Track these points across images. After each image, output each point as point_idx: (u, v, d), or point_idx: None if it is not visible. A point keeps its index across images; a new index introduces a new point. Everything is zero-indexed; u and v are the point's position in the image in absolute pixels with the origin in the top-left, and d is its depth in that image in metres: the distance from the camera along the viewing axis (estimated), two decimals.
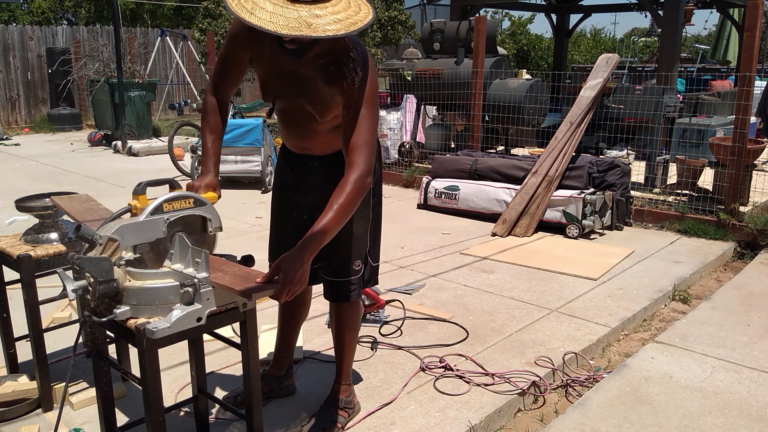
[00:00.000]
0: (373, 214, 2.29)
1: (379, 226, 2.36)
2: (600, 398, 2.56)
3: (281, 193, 2.34)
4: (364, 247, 2.25)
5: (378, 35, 13.06)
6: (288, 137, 2.22)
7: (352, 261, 2.21)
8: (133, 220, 1.75)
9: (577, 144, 5.42)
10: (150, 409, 1.68)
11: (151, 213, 1.77)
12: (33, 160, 8.56)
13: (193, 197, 1.86)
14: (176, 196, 1.82)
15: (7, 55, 12.08)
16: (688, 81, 10.88)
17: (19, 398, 2.41)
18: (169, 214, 1.79)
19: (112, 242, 1.69)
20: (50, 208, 2.41)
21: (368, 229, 2.26)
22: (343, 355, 2.37)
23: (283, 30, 1.55)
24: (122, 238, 1.70)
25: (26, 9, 16.98)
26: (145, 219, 1.75)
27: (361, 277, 2.28)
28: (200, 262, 1.67)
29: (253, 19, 1.55)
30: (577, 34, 20.12)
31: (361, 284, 2.30)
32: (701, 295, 3.98)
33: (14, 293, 2.59)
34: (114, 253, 1.68)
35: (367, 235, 2.26)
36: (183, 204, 1.83)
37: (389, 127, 7.34)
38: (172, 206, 1.81)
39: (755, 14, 4.84)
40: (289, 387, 2.57)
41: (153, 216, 1.77)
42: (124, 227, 1.72)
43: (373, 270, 2.36)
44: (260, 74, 2.06)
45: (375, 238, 2.35)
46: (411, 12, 15.27)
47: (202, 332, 1.79)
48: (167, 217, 1.79)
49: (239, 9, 1.56)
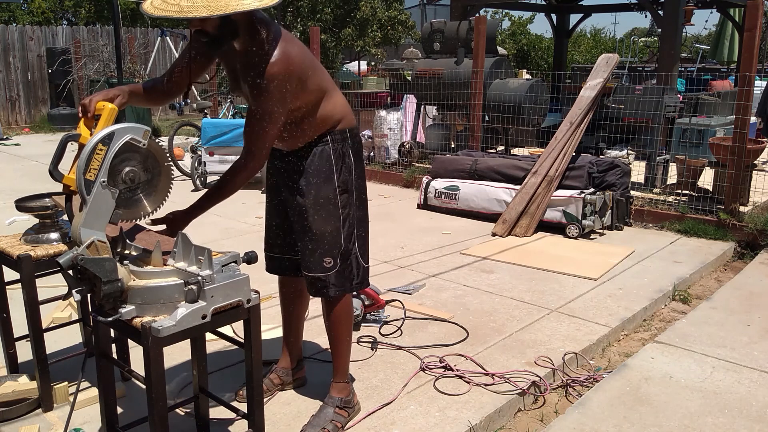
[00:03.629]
0: (345, 212, 2.24)
1: (362, 227, 2.33)
2: (600, 398, 2.56)
3: (267, 186, 2.47)
4: (335, 246, 2.23)
5: (378, 35, 13.05)
6: None
7: (320, 257, 2.22)
8: (83, 214, 1.66)
9: (577, 144, 5.42)
10: (154, 408, 1.68)
11: (87, 192, 1.64)
12: (33, 160, 8.56)
13: (98, 141, 1.66)
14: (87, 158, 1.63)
15: (7, 55, 12.08)
16: (688, 81, 10.88)
17: (19, 398, 2.40)
18: (99, 178, 1.65)
19: (93, 246, 1.66)
20: (50, 208, 2.41)
21: (340, 228, 2.23)
22: (336, 352, 2.38)
23: (154, 12, 1.74)
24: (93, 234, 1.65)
25: (26, 9, 16.97)
26: (90, 203, 1.65)
27: (339, 274, 2.25)
28: (204, 259, 1.67)
29: (145, 5, 1.73)
30: (577, 34, 20.11)
31: (342, 282, 2.27)
32: (701, 295, 3.98)
33: (14, 293, 2.59)
34: (102, 250, 1.67)
35: (340, 234, 2.23)
36: (98, 156, 1.65)
37: (389, 127, 7.33)
38: (93, 168, 1.64)
39: (755, 14, 4.84)
40: (300, 379, 2.61)
41: (91, 193, 1.64)
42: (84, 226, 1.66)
43: (363, 271, 2.35)
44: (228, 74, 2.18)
45: (360, 238, 2.31)
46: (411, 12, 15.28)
47: (207, 330, 1.79)
48: (101, 181, 1.66)
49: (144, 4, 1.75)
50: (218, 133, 6.60)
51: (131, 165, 1.74)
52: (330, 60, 12.80)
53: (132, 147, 1.73)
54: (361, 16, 12.68)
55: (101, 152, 1.65)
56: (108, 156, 1.66)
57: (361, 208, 2.31)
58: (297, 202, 2.21)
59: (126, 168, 1.72)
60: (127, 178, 1.73)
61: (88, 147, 1.65)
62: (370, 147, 7.60)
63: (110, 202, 1.68)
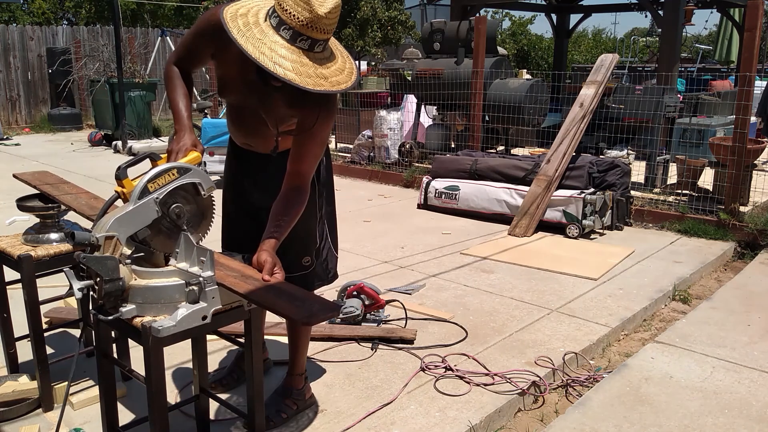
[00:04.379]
0: (322, 210, 2.32)
1: (333, 220, 2.41)
2: (600, 398, 2.56)
3: (229, 180, 2.40)
4: (312, 244, 2.30)
5: (378, 35, 13.05)
6: (234, 131, 2.27)
7: (298, 257, 2.26)
8: (124, 210, 1.71)
9: (577, 144, 5.42)
10: (154, 408, 1.68)
11: (139, 197, 1.71)
12: (33, 160, 8.56)
13: (176, 167, 1.79)
14: (159, 173, 1.75)
15: (8, 55, 12.08)
16: (688, 81, 10.89)
17: (19, 398, 2.40)
18: (156, 193, 1.73)
19: (110, 240, 1.68)
20: (51, 208, 2.41)
21: (317, 227, 2.30)
22: (298, 346, 2.41)
23: (308, 85, 1.62)
24: (118, 231, 1.68)
25: (26, 9, 16.97)
26: (135, 206, 1.71)
27: (316, 270, 2.33)
28: (205, 260, 1.68)
29: (278, 69, 1.59)
30: (578, 34, 20.13)
31: (320, 277, 2.36)
32: (701, 295, 3.98)
33: (14, 293, 2.59)
34: (116, 249, 1.68)
35: (316, 232, 2.30)
36: (167, 177, 1.76)
37: (389, 127, 7.33)
38: (157, 183, 1.74)
39: (755, 14, 4.84)
40: (265, 362, 2.68)
41: (142, 200, 1.71)
42: (117, 221, 1.69)
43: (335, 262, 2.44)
44: (220, 74, 2.08)
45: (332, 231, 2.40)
46: (411, 12, 15.27)
47: (207, 331, 1.80)
48: (156, 197, 1.73)
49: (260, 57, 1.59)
50: (218, 133, 6.60)
51: (182, 204, 1.81)
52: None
53: (194, 190, 1.83)
54: (361, 16, 12.68)
55: (172, 176, 1.77)
56: (175, 182, 1.77)
57: (331, 202, 2.39)
58: None
59: (177, 203, 1.80)
60: (172, 211, 1.78)
61: (166, 166, 1.77)
62: (370, 147, 7.60)
63: (150, 216, 1.74)
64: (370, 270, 4.10)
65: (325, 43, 1.69)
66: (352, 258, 4.28)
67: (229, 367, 2.64)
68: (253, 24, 1.65)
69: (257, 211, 2.26)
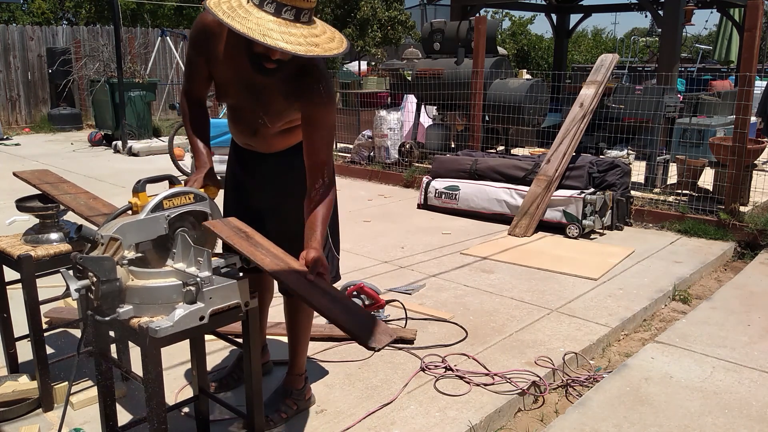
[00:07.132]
0: None
1: (334, 218, 2.39)
2: (600, 398, 2.56)
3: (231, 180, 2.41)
4: None
5: (378, 35, 13.05)
6: (235, 132, 2.29)
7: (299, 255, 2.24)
8: (134, 218, 1.75)
9: (577, 144, 5.42)
10: (152, 408, 1.68)
11: (152, 210, 1.77)
12: (33, 160, 8.56)
13: (193, 193, 1.87)
14: (176, 193, 1.82)
15: (8, 55, 12.07)
16: (688, 81, 10.88)
17: (19, 398, 2.40)
18: (169, 211, 1.80)
19: (113, 241, 1.69)
20: (51, 209, 2.41)
21: None
22: (297, 346, 2.42)
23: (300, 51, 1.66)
24: (124, 236, 1.70)
25: (26, 9, 16.97)
26: (146, 217, 1.75)
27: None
28: (202, 261, 1.68)
29: (268, 40, 1.64)
30: (578, 34, 20.13)
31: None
32: (701, 295, 3.98)
33: (14, 293, 2.59)
34: (116, 252, 1.68)
35: None
36: (183, 200, 1.84)
37: (389, 127, 7.33)
38: (172, 203, 1.81)
39: (755, 14, 4.84)
40: (266, 364, 2.67)
41: (154, 213, 1.77)
42: (125, 226, 1.72)
43: (337, 263, 2.42)
44: (216, 78, 2.12)
45: (333, 232, 2.38)
46: (411, 12, 15.28)
47: (205, 331, 1.80)
48: (168, 214, 1.79)
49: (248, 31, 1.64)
50: (218, 133, 6.58)
51: (188, 228, 1.85)
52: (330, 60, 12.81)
53: (202, 219, 1.89)
54: (362, 16, 12.68)
55: (187, 200, 1.85)
56: (189, 206, 1.85)
57: None
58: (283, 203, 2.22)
59: (183, 226, 1.85)
60: (177, 234, 1.82)
61: (185, 188, 1.88)
62: (370, 147, 7.60)
63: (157, 231, 1.79)
64: (370, 270, 4.10)
65: (310, 12, 1.74)
66: (352, 258, 4.28)
67: (230, 367, 2.64)
68: (237, 6, 1.71)
69: (259, 210, 2.28)
